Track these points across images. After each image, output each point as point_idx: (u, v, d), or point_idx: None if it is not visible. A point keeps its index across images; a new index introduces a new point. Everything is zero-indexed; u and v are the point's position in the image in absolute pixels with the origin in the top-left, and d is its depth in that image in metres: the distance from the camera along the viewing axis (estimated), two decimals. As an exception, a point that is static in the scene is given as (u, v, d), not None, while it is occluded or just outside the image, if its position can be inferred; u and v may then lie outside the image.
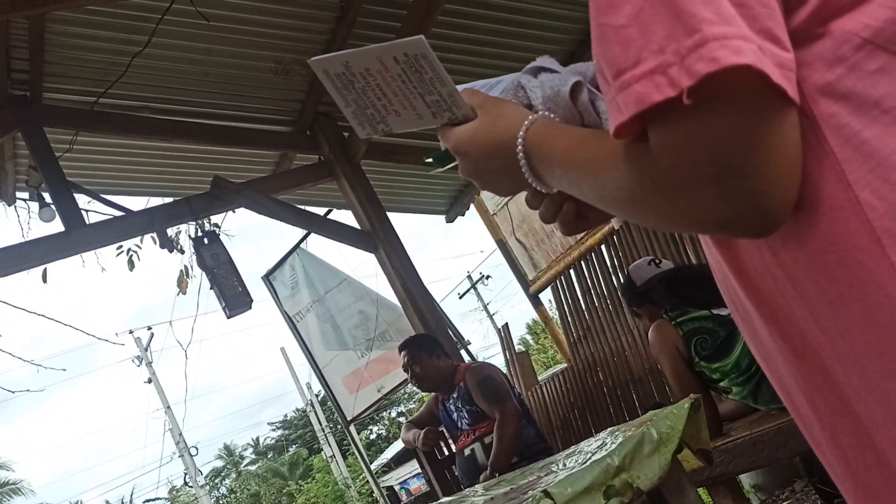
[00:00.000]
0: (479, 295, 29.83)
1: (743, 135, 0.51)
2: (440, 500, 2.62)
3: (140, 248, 5.08)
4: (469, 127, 0.77)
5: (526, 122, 0.73)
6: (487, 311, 29.84)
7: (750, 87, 0.51)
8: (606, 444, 1.73)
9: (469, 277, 29.42)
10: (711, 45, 0.50)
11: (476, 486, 2.96)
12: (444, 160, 0.85)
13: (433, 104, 0.79)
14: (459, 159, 0.79)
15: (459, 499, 2.36)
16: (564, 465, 1.83)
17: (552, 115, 0.75)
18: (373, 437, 33.44)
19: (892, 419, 0.56)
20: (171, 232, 4.76)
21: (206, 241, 4.56)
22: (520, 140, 0.72)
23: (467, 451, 3.76)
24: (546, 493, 1.49)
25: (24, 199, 5.00)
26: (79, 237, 4.19)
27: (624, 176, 0.59)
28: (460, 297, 29.84)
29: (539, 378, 5.45)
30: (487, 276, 29.18)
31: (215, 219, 5.20)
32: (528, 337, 30.03)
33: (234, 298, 4.41)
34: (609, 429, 2.00)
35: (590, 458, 1.66)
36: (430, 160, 0.87)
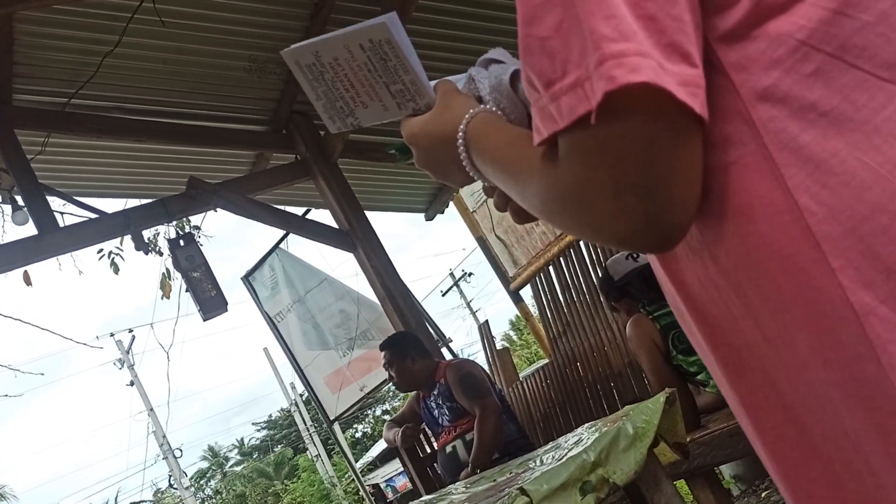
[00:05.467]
0: (461, 292, 29.87)
1: (639, 154, 0.51)
2: (422, 498, 2.62)
3: (122, 250, 5.03)
4: (421, 118, 0.78)
5: (467, 116, 0.73)
6: (470, 308, 29.88)
7: (650, 104, 0.50)
8: (583, 440, 1.73)
9: (451, 275, 29.45)
10: (609, 63, 0.49)
11: (458, 482, 2.96)
12: (406, 151, 0.85)
13: (398, 94, 0.78)
14: (413, 150, 0.80)
15: (440, 496, 2.35)
16: (542, 461, 1.82)
17: (495, 108, 0.75)
18: (358, 435, 33.42)
19: (839, 429, 0.55)
20: (149, 234, 4.71)
21: (181, 243, 4.52)
22: (461, 133, 0.73)
23: (449, 448, 3.76)
24: (522, 491, 1.48)
25: (-4, 203, 4.93)
26: (52, 240, 4.13)
27: (536, 184, 0.59)
28: (443, 295, 29.89)
29: (521, 374, 5.45)
30: (470, 274, 29.23)
31: (195, 220, 5.16)
32: (512, 333, 30.12)
33: (209, 301, 4.37)
34: (586, 424, 2.00)
35: (566, 455, 1.66)
36: (393, 151, 0.87)
